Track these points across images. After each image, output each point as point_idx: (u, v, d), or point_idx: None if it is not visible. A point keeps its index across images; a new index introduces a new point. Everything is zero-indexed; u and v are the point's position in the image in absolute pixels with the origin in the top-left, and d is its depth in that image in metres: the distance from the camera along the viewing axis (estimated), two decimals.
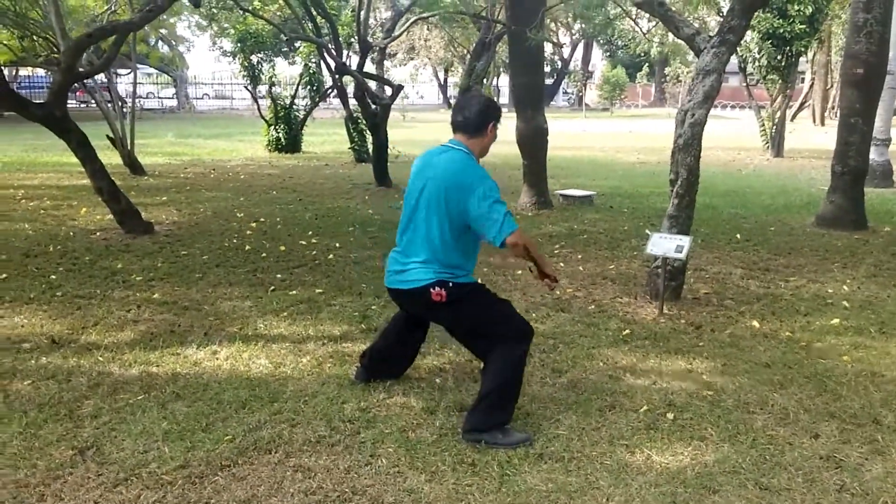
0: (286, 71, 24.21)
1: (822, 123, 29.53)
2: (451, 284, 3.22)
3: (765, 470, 2.95)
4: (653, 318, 4.82)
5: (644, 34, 14.59)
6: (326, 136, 19.50)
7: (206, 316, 4.81)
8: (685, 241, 4.85)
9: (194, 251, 6.57)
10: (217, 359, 4.09)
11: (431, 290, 3.21)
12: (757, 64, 15.95)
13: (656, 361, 4.09)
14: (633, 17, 11.61)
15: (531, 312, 4.90)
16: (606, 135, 23.04)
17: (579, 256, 6.56)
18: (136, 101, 14.55)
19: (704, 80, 4.99)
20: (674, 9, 5.51)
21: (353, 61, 12.44)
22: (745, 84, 18.25)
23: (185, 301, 5.12)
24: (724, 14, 5.35)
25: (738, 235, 7.41)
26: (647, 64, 41.44)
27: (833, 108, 34.09)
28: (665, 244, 4.86)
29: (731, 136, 21.58)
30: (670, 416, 3.43)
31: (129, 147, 12.13)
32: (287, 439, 3.19)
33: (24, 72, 33.62)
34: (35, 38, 11.53)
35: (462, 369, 3.97)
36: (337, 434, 3.24)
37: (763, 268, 6.17)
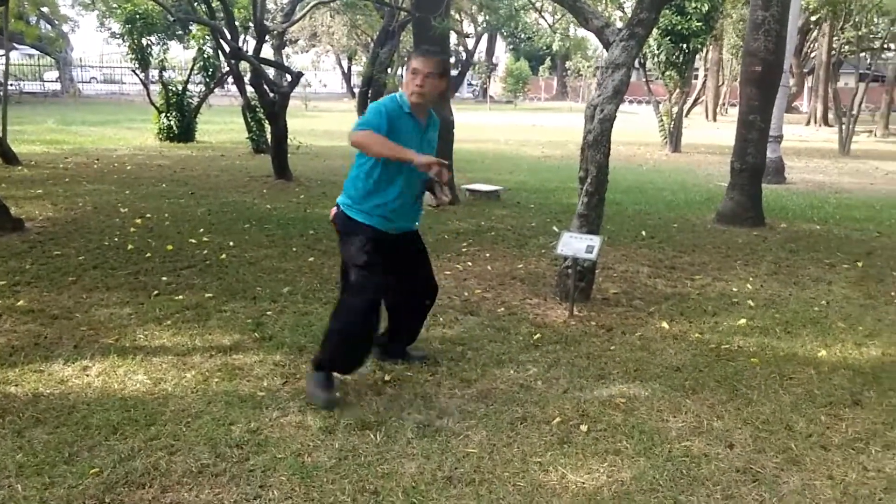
0: (181, 55, 23.05)
1: (715, 119, 30.87)
2: (339, 209, 3.50)
3: (683, 486, 2.82)
4: (563, 320, 4.68)
5: (550, 26, 14.64)
6: (223, 125, 18.64)
7: (78, 326, 4.31)
8: (596, 240, 4.72)
9: (69, 251, 5.96)
10: (87, 375, 3.64)
11: (333, 209, 3.54)
12: (656, 60, 16.34)
13: (568, 368, 3.92)
14: (539, 9, 11.55)
15: (438, 316, 4.66)
16: (511, 127, 23.16)
17: (487, 255, 6.37)
18: (13, 84, 13.39)
19: (614, 74, 4.88)
20: (583, 0, 5.37)
21: (251, 46, 11.84)
22: (644, 79, 18.69)
23: (55, 309, 4.58)
24: (633, 8, 5.26)
25: (644, 232, 7.44)
26: (549, 57, 42.10)
27: (724, 104, 35.75)
28: (575, 244, 4.73)
29: (631, 130, 22.11)
30: (584, 427, 3.26)
31: (1, 134, 11.11)
32: (164, 470, 2.82)
33: None
34: None
35: (364, 381, 3.68)
36: (222, 462, 2.89)
37: (669, 266, 6.17)
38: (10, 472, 2.77)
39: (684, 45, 15.80)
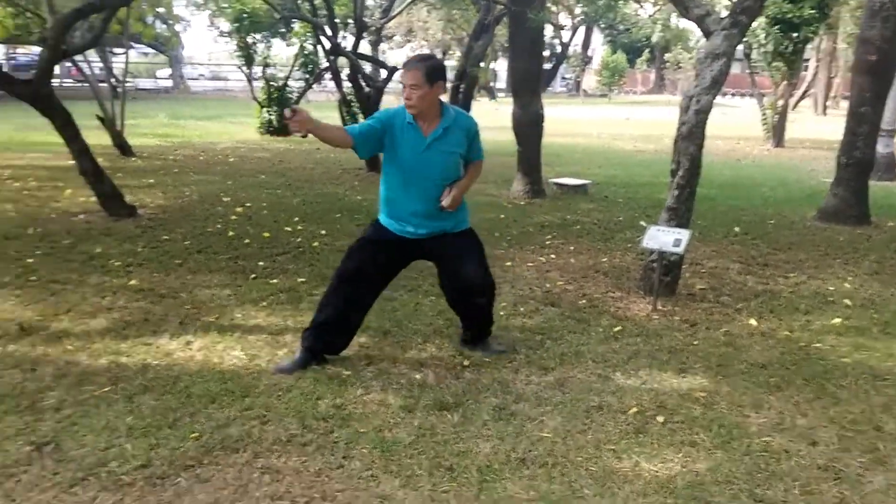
0: (283, 52, 23.90)
1: (825, 113, 29.30)
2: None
3: (759, 480, 2.79)
4: (646, 314, 4.65)
5: (649, 16, 14.31)
6: (320, 119, 19.21)
7: (183, 304, 4.64)
8: (684, 234, 4.67)
9: (176, 236, 6.38)
10: (190, 350, 3.92)
11: None
12: (763, 50, 15.65)
13: (648, 360, 3.92)
14: None
15: (519, 306, 4.74)
16: (604, 121, 22.81)
17: (571, 248, 6.38)
18: (130, 81, 14.28)
19: (713, 64, 4.78)
20: None
21: (350, 42, 12.20)
22: (748, 71, 17.99)
23: (163, 288, 4.94)
24: None
25: (737, 228, 7.24)
26: (647, 49, 41.10)
27: (835, 97, 33.87)
28: (662, 237, 4.69)
29: (731, 124, 21.34)
30: (660, 419, 3.27)
31: (119, 128, 11.89)
32: (256, 438, 3.03)
33: (21, 50, 33.22)
34: (28, 14, 11.27)
35: (444, 365, 3.81)
36: (309, 433, 3.08)
37: (762, 263, 6.00)
38: (120, 433, 3.04)
39: (795, 35, 15.00)
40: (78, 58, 12.28)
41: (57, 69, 9.68)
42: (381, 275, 3.77)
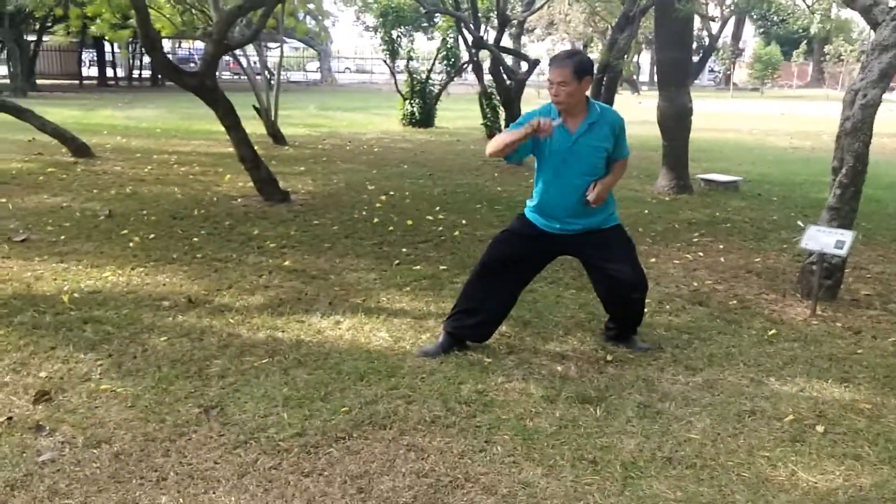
0: (425, 46, 24.41)
1: None
2: None
3: None
4: (803, 318, 4.39)
5: (808, 6, 13.40)
6: (460, 112, 19.47)
7: (332, 286, 4.86)
8: (847, 235, 4.36)
9: (325, 221, 6.69)
10: (339, 329, 4.11)
11: None
12: None
13: (806, 367, 3.70)
14: None
15: (665, 304, 4.60)
16: (756, 116, 21.61)
17: (721, 246, 6.11)
18: (283, 73, 15.07)
19: (881, 56, 4.44)
20: None
21: (491, 36, 12.27)
22: None
23: (314, 270, 5.20)
24: None
25: None
26: (805, 41, 38.47)
27: None
28: (823, 238, 4.40)
29: None
30: (820, 428, 3.08)
31: (273, 118, 12.59)
32: (402, 416, 3.13)
33: (186, 44, 35.93)
34: (193, 11, 12.17)
35: (587, 358, 3.77)
36: (452, 415, 3.15)
37: None
38: (277, 403, 3.24)
39: None
40: (237, 52, 13.10)
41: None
42: (522, 268, 3.78)
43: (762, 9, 31.96)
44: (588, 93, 3.61)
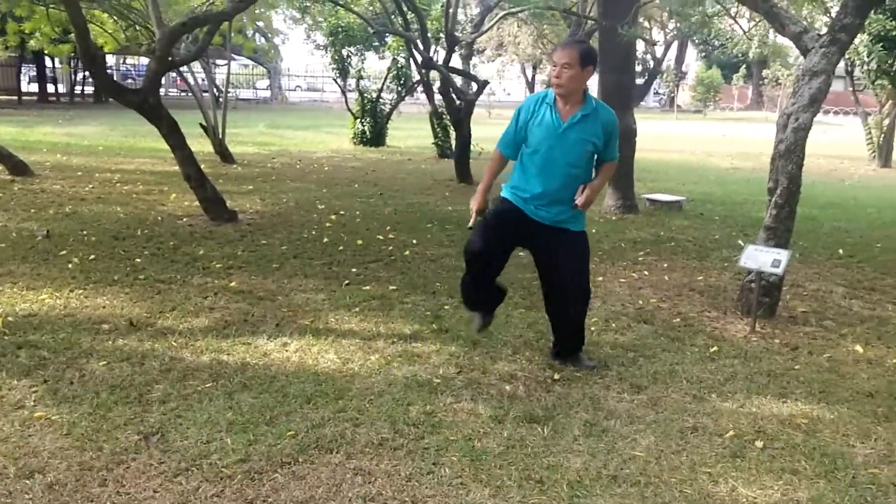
0: (376, 65, 24.45)
1: None
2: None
3: None
4: (744, 335, 4.51)
5: (744, 33, 13.88)
6: (411, 131, 19.54)
7: (280, 307, 4.80)
8: (783, 254, 4.50)
9: (274, 241, 6.61)
10: (286, 351, 4.05)
11: None
12: (866, 68, 14.97)
13: (745, 383, 3.79)
14: (733, 15, 11.05)
15: (611, 322, 4.67)
16: (698, 138, 22.24)
17: (665, 265, 6.24)
18: (231, 91, 14.91)
19: (811, 81, 4.63)
20: (779, 5, 5.14)
21: (441, 56, 12.37)
22: (851, 89, 17.21)
23: (261, 291, 5.13)
24: (835, 13, 4.95)
25: (841, 251, 6.91)
26: (744, 65, 39.82)
27: None
28: (760, 257, 4.54)
29: (834, 143, 20.43)
30: (759, 444, 3.15)
31: (220, 136, 12.44)
32: (349, 439, 3.10)
33: (130, 60, 35.27)
34: (137, 27, 11.97)
35: (535, 377, 3.79)
36: (400, 437, 3.13)
37: (868, 287, 5.70)
38: (221, 428, 3.17)
39: None
40: (183, 69, 12.92)
41: (163, 79, 10.20)
42: (503, 246, 3.83)
43: (703, 34, 32.98)
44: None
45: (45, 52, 16.57)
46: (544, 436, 3.17)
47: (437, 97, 12.92)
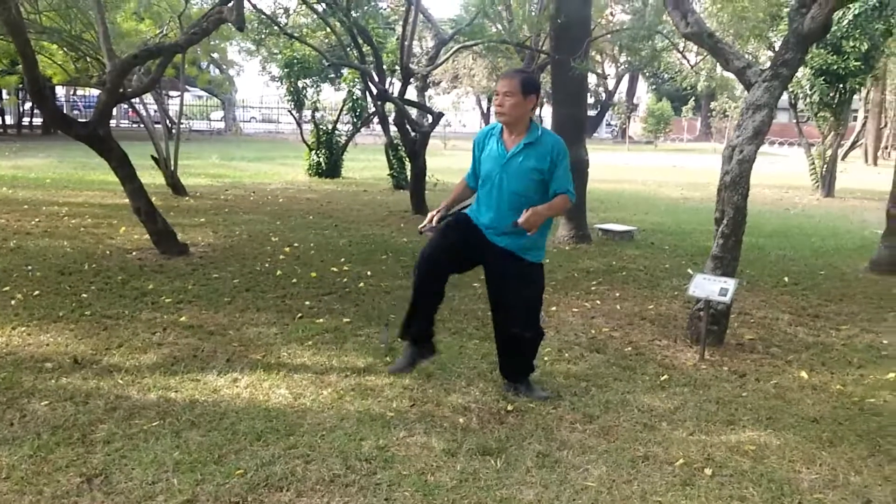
0: (332, 97, 24.53)
1: (875, 163, 28.77)
2: None
3: None
4: (693, 363, 4.58)
5: (692, 66, 14.32)
6: (367, 162, 19.58)
7: (231, 342, 4.72)
8: (730, 283, 4.61)
9: (226, 274, 6.52)
10: (237, 387, 3.98)
11: None
12: (808, 101, 15.56)
13: (695, 411, 3.85)
14: (681, 50, 11.41)
15: (564, 352, 4.71)
16: (650, 168, 22.74)
17: (617, 294, 6.33)
18: (184, 122, 14.77)
19: (755, 115, 4.79)
20: (724, 41, 5.33)
21: (397, 88, 12.46)
22: (795, 121, 17.84)
23: (212, 325, 5.04)
24: (777, 48, 5.15)
25: (786, 279, 7.10)
26: (693, 98, 41.03)
27: (886, 147, 33.26)
28: (708, 286, 4.64)
29: (779, 173, 21.10)
30: (708, 471, 3.20)
31: (172, 168, 12.28)
32: (300, 476, 3.05)
33: (81, 92, 34.70)
34: (88, 59, 11.81)
35: (488, 409, 3.79)
36: (352, 473, 3.09)
37: (812, 314, 5.86)
38: (167, 468, 3.09)
39: (840, 86, 14.94)
40: (135, 100, 12.77)
41: (114, 111, 10.07)
42: (454, 252, 3.76)
43: (653, 67, 33.93)
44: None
45: None
46: (497, 468, 3.17)
47: (393, 129, 12.98)
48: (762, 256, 8.21)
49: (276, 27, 11.77)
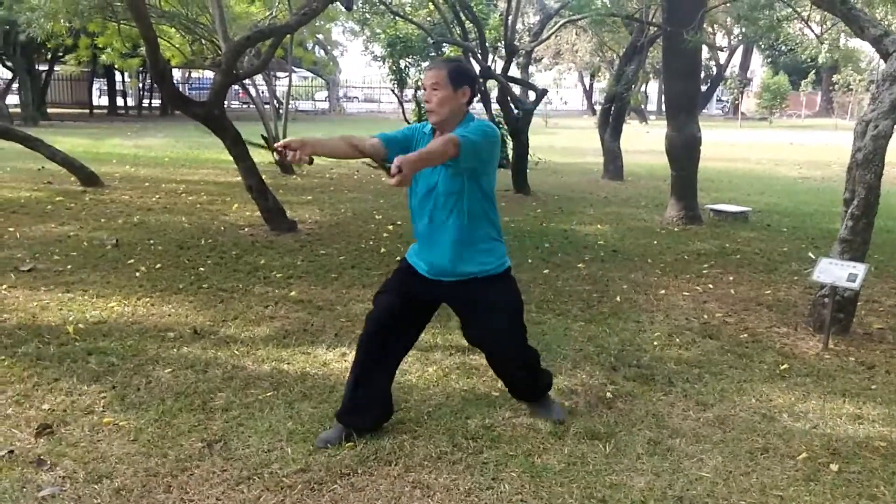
0: None
1: None
2: None
3: None
4: (816, 353, 4.32)
5: (817, 37, 13.41)
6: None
7: (338, 317, 4.83)
8: (860, 268, 4.31)
9: (332, 251, 6.67)
10: (345, 361, 4.06)
11: None
12: None
13: (819, 403, 3.63)
14: (805, 18, 10.71)
15: (675, 337, 4.55)
16: (764, 146, 21.63)
17: (731, 278, 6.06)
18: (291, 103, 15.19)
19: (892, 87, 4.42)
20: (858, 7, 4.94)
21: (499, 66, 12.34)
22: None
23: (320, 300, 5.17)
24: None
25: None
26: (813, 71, 38.65)
27: None
28: (835, 271, 4.35)
29: None
30: (834, 467, 3.01)
31: None
32: (408, 452, 3.08)
33: (195, 74, 36.34)
34: (203, 41, 12.31)
35: (595, 392, 3.71)
36: (459, 451, 3.09)
37: None
38: (282, 437, 3.19)
39: None
40: (246, 81, 13.22)
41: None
42: (407, 321, 3.21)
43: (770, 39, 32.15)
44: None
45: (116, 66, 17.22)
46: (606, 453, 3.09)
47: (495, 106, 12.88)
48: (893, 240, 7.65)
49: (381, 5, 11.87)
